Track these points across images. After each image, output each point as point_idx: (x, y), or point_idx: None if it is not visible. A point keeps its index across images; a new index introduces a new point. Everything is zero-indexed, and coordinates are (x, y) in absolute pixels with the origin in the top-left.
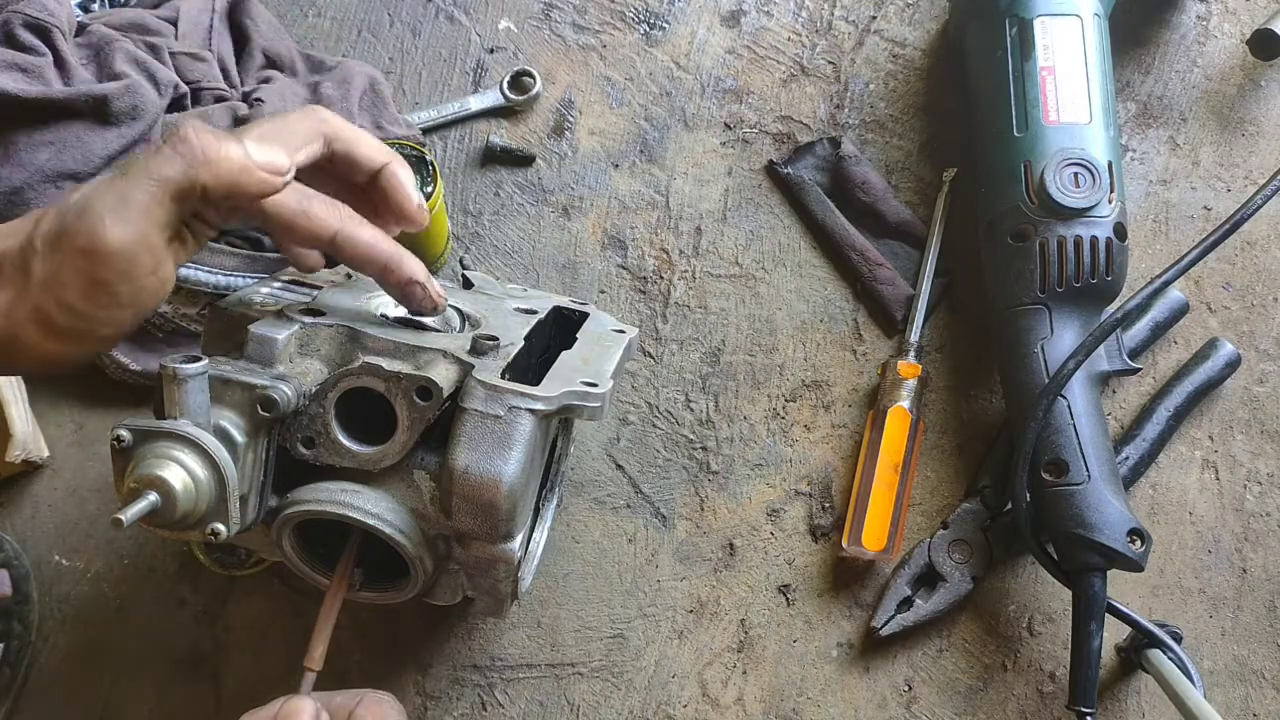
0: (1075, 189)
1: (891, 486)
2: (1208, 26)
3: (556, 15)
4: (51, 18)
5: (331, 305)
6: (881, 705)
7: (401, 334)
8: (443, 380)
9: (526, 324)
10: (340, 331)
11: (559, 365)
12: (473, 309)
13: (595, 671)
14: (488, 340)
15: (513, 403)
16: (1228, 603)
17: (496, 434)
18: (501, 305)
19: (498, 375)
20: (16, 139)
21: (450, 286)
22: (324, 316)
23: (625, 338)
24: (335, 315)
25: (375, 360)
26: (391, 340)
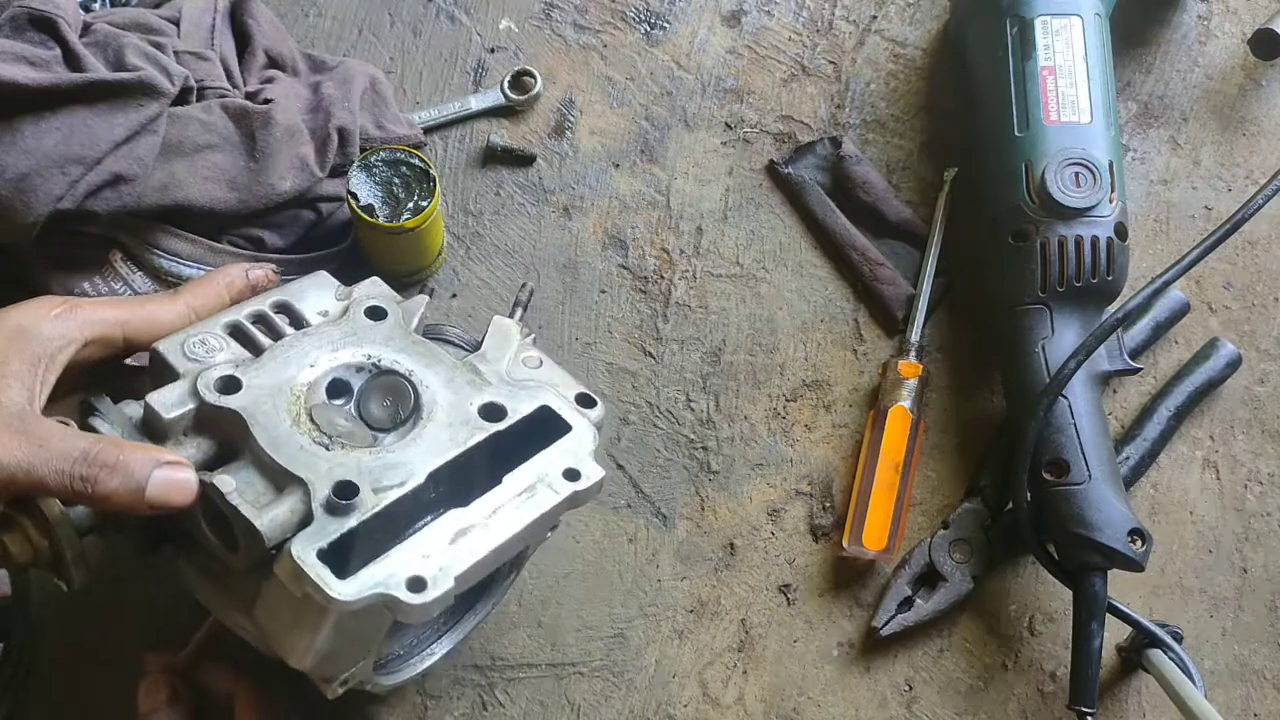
0: (1076, 189)
1: (892, 486)
2: (1209, 26)
3: (557, 15)
4: (57, 9)
5: (256, 378)
6: (882, 705)
7: (290, 446)
8: (267, 529)
9: (456, 446)
10: (237, 418)
11: (417, 539)
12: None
13: (596, 671)
14: (341, 498)
15: (309, 589)
16: (1228, 603)
17: (295, 611)
18: (466, 399)
19: (314, 549)
20: (23, 126)
21: (455, 343)
22: (235, 395)
23: (571, 488)
24: (250, 392)
25: (219, 486)
26: (268, 455)
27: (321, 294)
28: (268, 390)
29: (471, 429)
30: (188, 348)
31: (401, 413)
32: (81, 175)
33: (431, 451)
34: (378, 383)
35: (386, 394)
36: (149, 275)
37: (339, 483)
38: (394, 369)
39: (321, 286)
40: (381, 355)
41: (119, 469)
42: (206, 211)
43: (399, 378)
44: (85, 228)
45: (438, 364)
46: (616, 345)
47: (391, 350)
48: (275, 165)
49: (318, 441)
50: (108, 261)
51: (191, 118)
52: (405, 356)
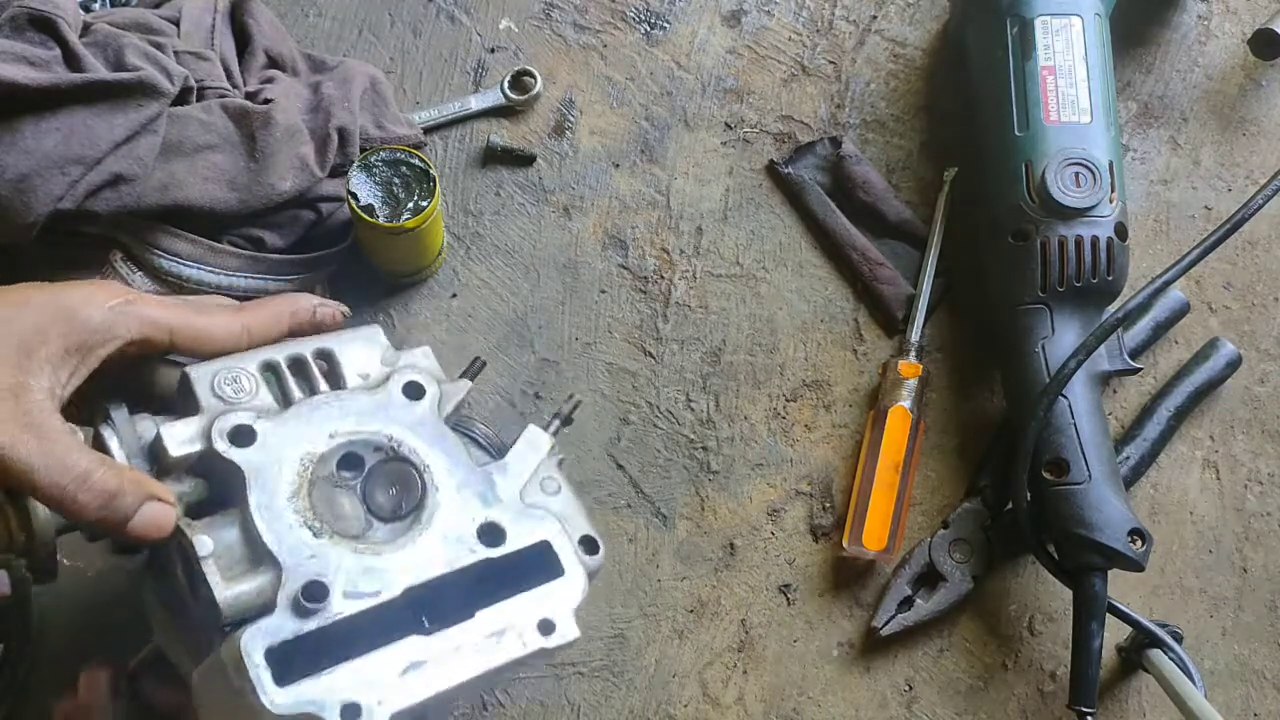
0: (1076, 189)
1: (892, 486)
2: (1209, 26)
3: (557, 15)
4: (57, 9)
5: (272, 435)
6: (882, 705)
7: (280, 522)
8: (227, 606)
9: (444, 565)
10: (239, 474)
11: (368, 661)
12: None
13: (596, 671)
14: (308, 600)
15: (244, 685)
16: (1228, 602)
17: (228, 693)
18: (470, 514)
19: (263, 646)
20: (23, 127)
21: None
22: (246, 449)
23: (540, 643)
24: (261, 450)
25: (197, 547)
26: (255, 525)
27: (368, 352)
28: (279, 452)
29: (465, 548)
30: (218, 383)
31: (404, 506)
32: (81, 175)
33: (417, 563)
34: (390, 469)
35: (394, 482)
36: (149, 275)
37: (310, 583)
38: (410, 458)
39: (370, 343)
40: (403, 440)
41: (113, 499)
42: (206, 211)
43: (412, 470)
44: (85, 228)
45: (456, 465)
46: (616, 345)
47: (416, 437)
48: (275, 165)
49: (308, 524)
50: (108, 261)
51: (191, 118)
52: (426, 447)
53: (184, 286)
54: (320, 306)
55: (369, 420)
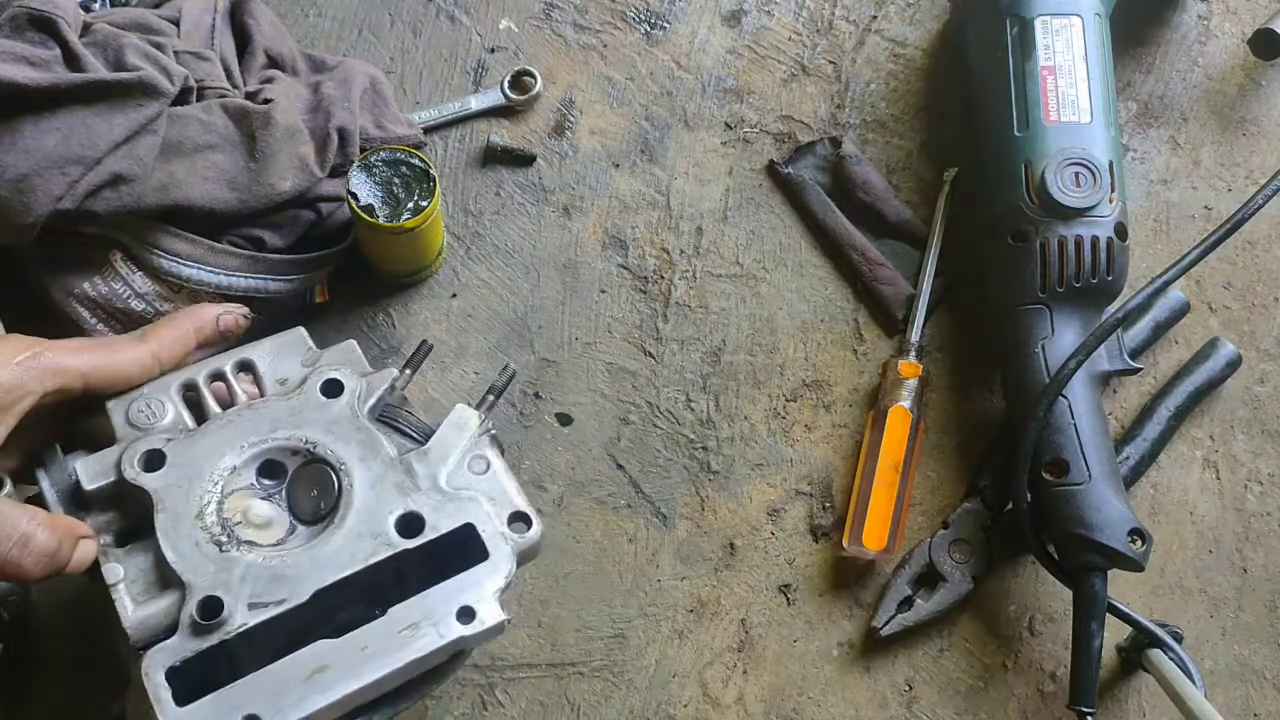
0: (1076, 189)
1: (892, 486)
2: (1209, 26)
3: (557, 15)
4: (57, 9)
5: (182, 455)
6: (882, 705)
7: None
8: (134, 630)
9: (355, 561)
10: (148, 499)
11: (273, 670)
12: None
13: (596, 671)
14: (203, 617)
15: (149, 707)
16: (1228, 602)
17: (146, 714)
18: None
19: (164, 667)
20: (23, 126)
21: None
22: (155, 473)
23: (459, 631)
24: (170, 472)
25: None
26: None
27: (288, 358)
28: (188, 472)
29: (379, 542)
30: (133, 412)
31: (324, 507)
32: (81, 175)
33: (328, 564)
34: (307, 471)
35: (313, 484)
36: (149, 275)
37: (204, 599)
38: (326, 458)
39: (290, 349)
40: (319, 440)
41: (53, 556)
42: (206, 211)
43: (328, 469)
44: (85, 228)
45: (373, 458)
46: (616, 345)
47: (332, 437)
48: (275, 165)
49: (214, 539)
50: (108, 261)
51: (191, 118)
52: (343, 445)
53: (184, 286)
54: (223, 315)
55: (284, 425)
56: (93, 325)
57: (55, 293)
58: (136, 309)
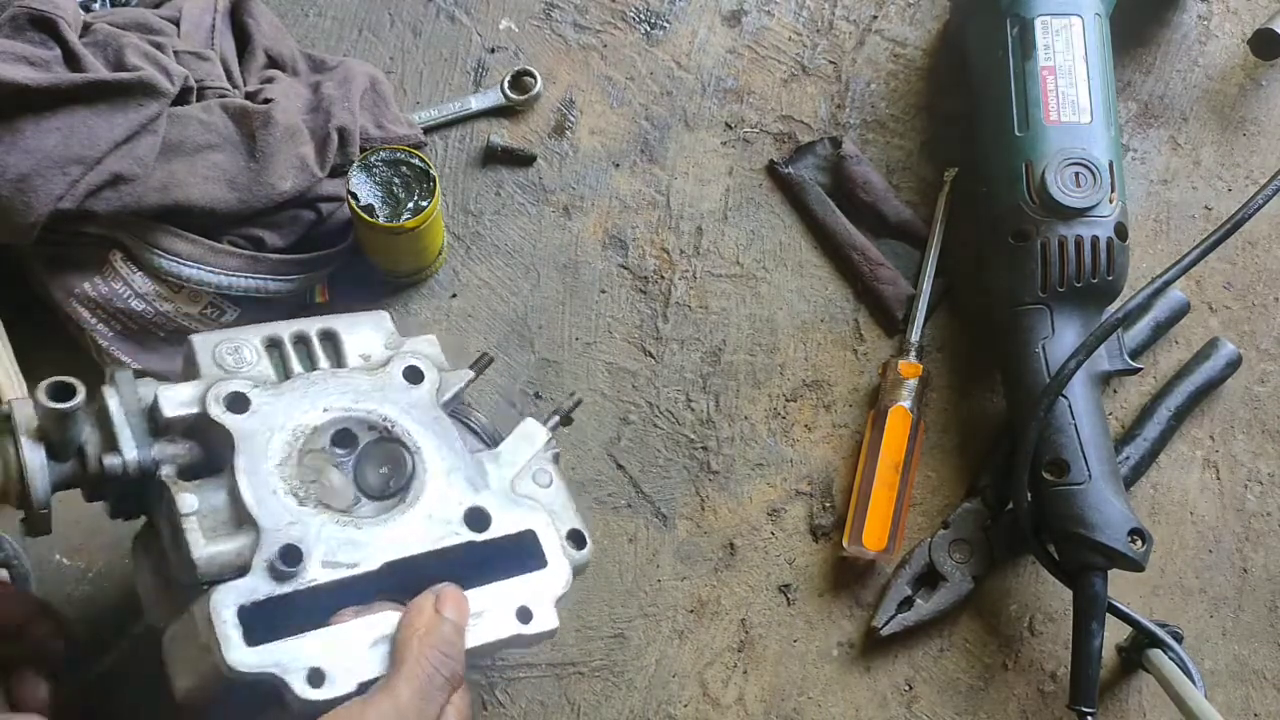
0: (1076, 189)
1: (892, 486)
2: (1209, 26)
3: (557, 15)
4: (57, 9)
5: (266, 404)
6: (882, 705)
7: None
8: (204, 564)
9: (426, 543)
10: (228, 439)
11: (340, 630)
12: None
13: (596, 671)
14: (284, 563)
15: (211, 642)
16: (1228, 602)
17: (195, 650)
18: (457, 497)
19: (235, 605)
20: (24, 126)
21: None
22: (239, 415)
23: (517, 629)
24: (254, 418)
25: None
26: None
27: (372, 335)
28: (272, 421)
29: (449, 530)
30: (219, 352)
31: (393, 485)
32: (81, 175)
33: (400, 539)
34: (381, 448)
35: (385, 462)
36: (149, 275)
37: (286, 546)
38: (402, 439)
39: (375, 327)
40: (397, 421)
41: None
42: (207, 211)
43: (403, 450)
44: (85, 228)
45: (448, 449)
46: (616, 345)
47: (410, 420)
48: (275, 165)
49: (293, 491)
50: (108, 261)
51: (191, 118)
52: (420, 430)
53: (184, 286)
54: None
55: (365, 399)
56: (93, 325)
57: (55, 293)
58: (137, 309)
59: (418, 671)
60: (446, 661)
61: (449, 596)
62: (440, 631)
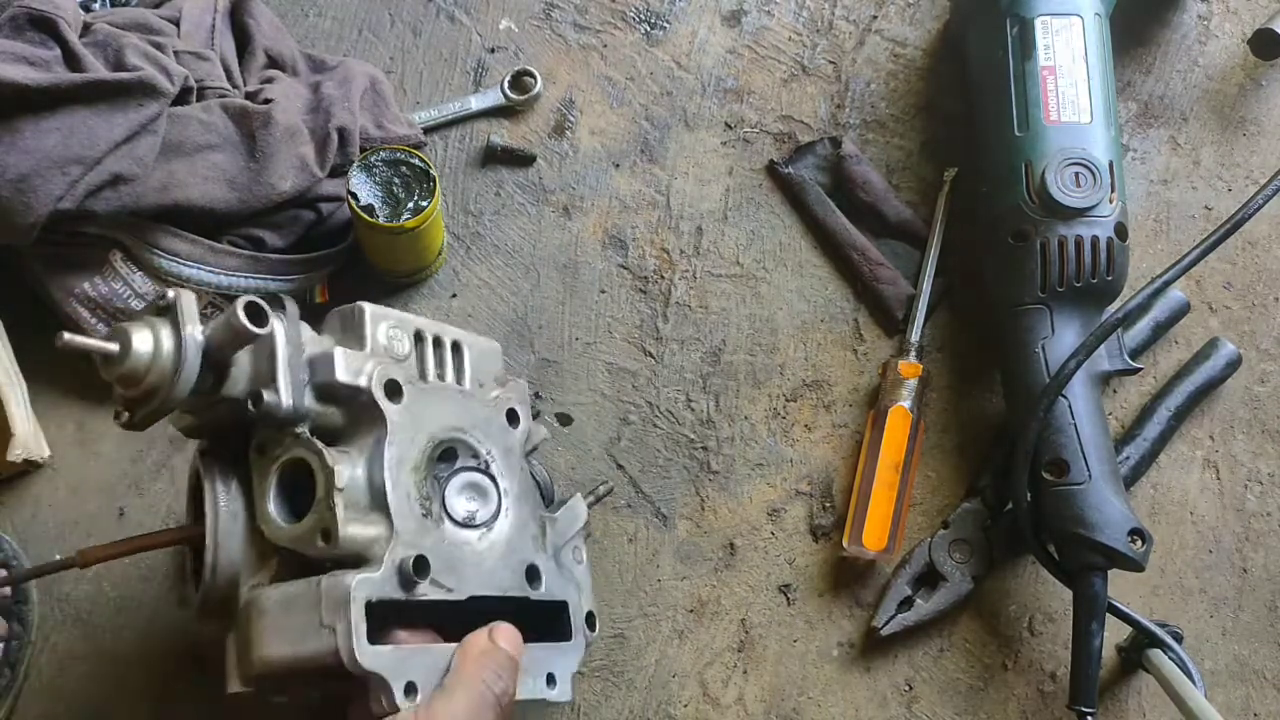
0: (1076, 189)
1: (892, 486)
2: (1209, 26)
3: (557, 15)
4: (57, 9)
5: (414, 401)
6: (882, 705)
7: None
8: (345, 542)
9: (500, 587)
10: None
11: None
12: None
13: (596, 671)
14: (415, 572)
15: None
16: (1228, 602)
17: (302, 625)
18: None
19: (367, 599)
20: (23, 127)
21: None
22: (392, 404)
23: (544, 693)
24: (403, 411)
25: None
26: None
27: (486, 363)
28: (416, 419)
29: (517, 579)
30: (386, 331)
31: (478, 518)
32: (81, 175)
33: (484, 576)
34: (476, 479)
35: (476, 493)
36: (149, 275)
37: (420, 556)
38: (496, 478)
39: (493, 356)
40: (496, 459)
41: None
42: (206, 211)
43: (495, 489)
44: (85, 228)
45: (525, 502)
46: (616, 345)
47: (504, 459)
48: (275, 165)
49: (422, 498)
50: (108, 261)
51: (191, 118)
52: (509, 474)
53: (184, 286)
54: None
55: (477, 427)
56: (93, 325)
57: (55, 293)
58: (137, 309)
59: (474, 685)
60: (499, 681)
61: (505, 630)
62: (496, 655)
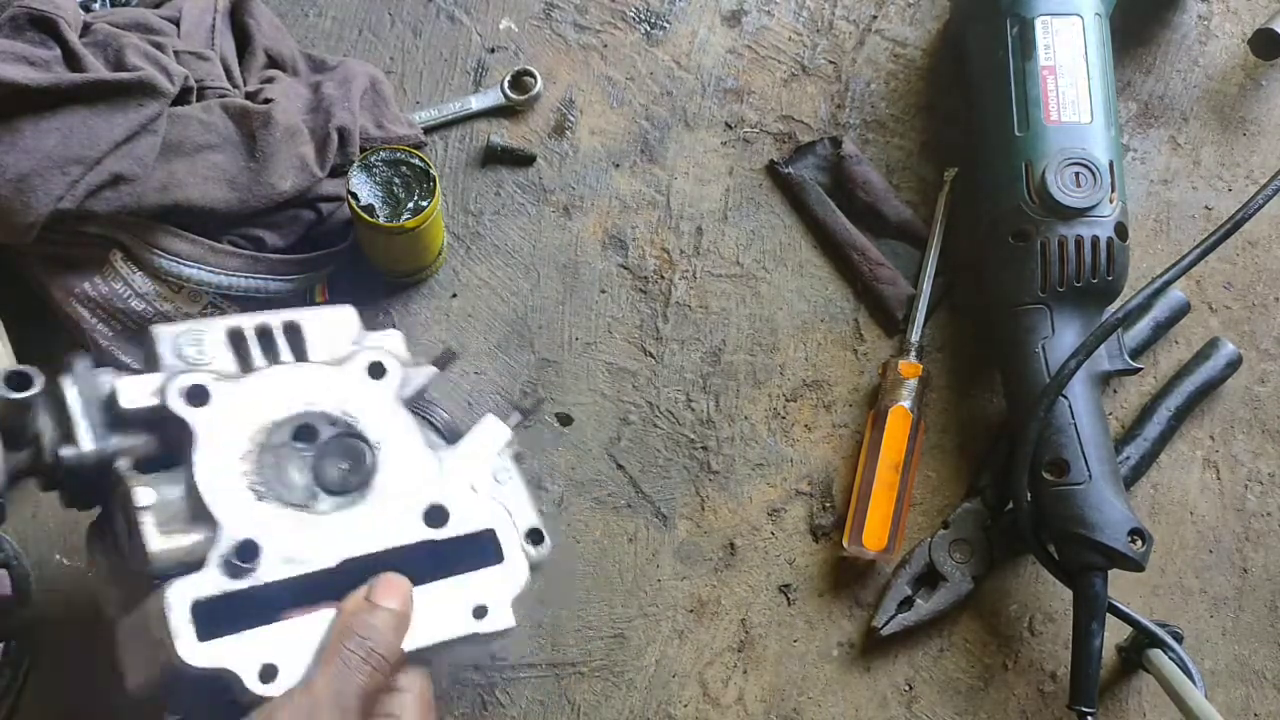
0: (1076, 188)
1: (892, 486)
2: (1209, 26)
3: (557, 15)
4: (57, 9)
5: (227, 397)
6: (882, 705)
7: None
8: (159, 558)
9: (384, 539)
10: (187, 432)
11: (292, 625)
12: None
13: (596, 671)
14: (240, 560)
15: (163, 636)
16: (1229, 602)
17: (147, 643)
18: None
19: (189, 600)
20: (23, 126)
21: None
22: (199, 408)
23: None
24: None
25: (136, 498)
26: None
27: (336, 330)
28: (232, 414)
29: (408, 526)
30: (181, 343)
31: (352, 481)
32: (81, 175)
33: (357, 535)
34: (342, 443)
35: (346, 457)
36: (149, 275)
37: (242, 543)
38: (363, 435)
39: (340, 323)
40: (358, 417)
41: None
42: (207, 211)
43: (363, 446)
44: (85, 228)
45: (408, 446)
46: (616, 345)
47: (370, 415)
48: (275, 165)
49: (252, 486)
50: (108, 261)
51: (191, 118)
52: (381, 426)
53: (184, 286)
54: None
55: (327, 394)
56: (93, 325)
57: (55, 293)
58: (137, 309)
59: (333, 659)
60: (366, 642)
61: (386, 584)
62: (362, 617)
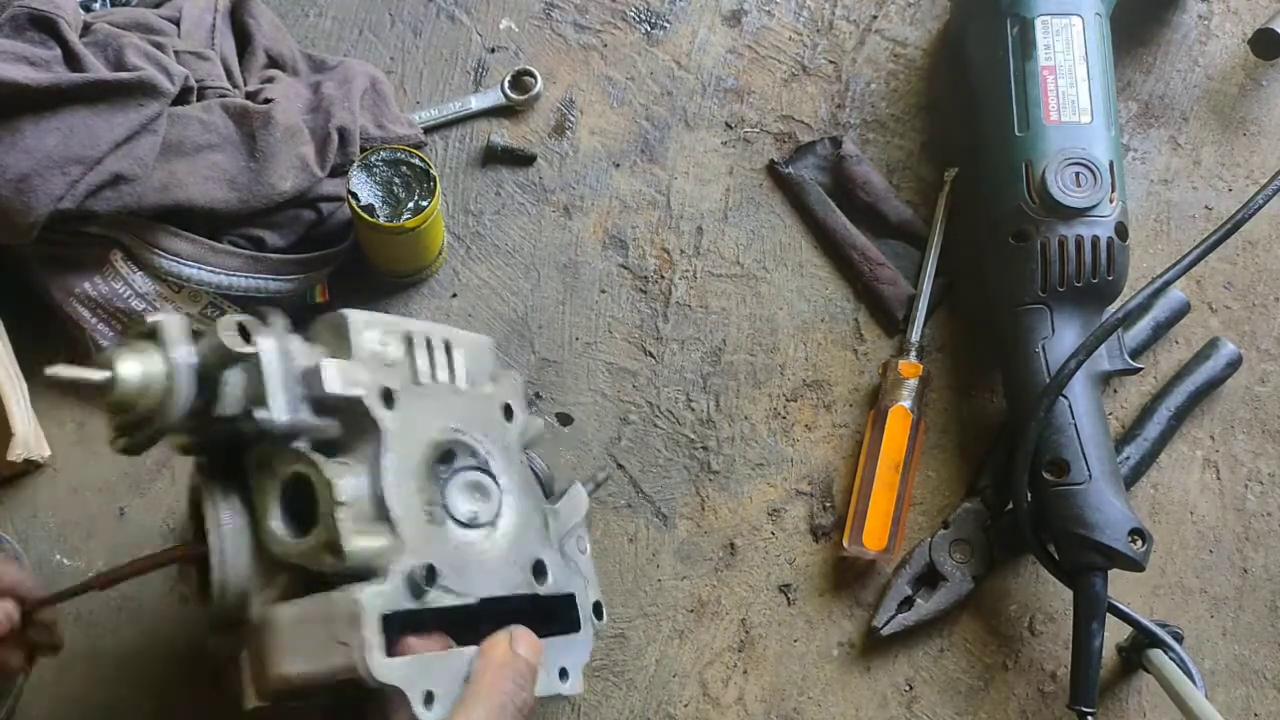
0: (1076, 188)
1: (892, 486)
2: (1209, 26)
3: (558, 15)
4: (57, 9)
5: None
6: (882, 705)
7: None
8: (352, 556)
9: (508, 587)
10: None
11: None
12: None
13: (596, 671)
14: (426, 582)
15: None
16: (1229, 602)
17: (317, 642)
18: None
19: (381, 612)
20: (23, 126)
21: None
22: (388, 411)
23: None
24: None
25: (338, 491)
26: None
27: (482, 360)
28: (410, 424)
29: (524, 576)
30: (375, 337)
31: (480, 518)
32: (82, 175)
33: (492, 577)
34: (475, 478)
35: (478, 493)
36: (149, 275)
37: (430, 565)
38: (496, 476)
39: (485, 351)
40: (494, 456)
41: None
42: (207, 211)
43: (495, 486)
44: (85, 228)
45: (527, 497)
46: (617, 345)
47: (503, 456)
48: (275, 165)
49: (426, 504)
50: (108, 261)
51: (191, 118)
52: (508, 469)
53: (184, 286)
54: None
55: (474, 425)
56: (93, 325)
57: (55, 293)
58: (137, 309)
59: (493, 698)
60: (520, 693)
61: (524, 636)
62: (515, 665)
